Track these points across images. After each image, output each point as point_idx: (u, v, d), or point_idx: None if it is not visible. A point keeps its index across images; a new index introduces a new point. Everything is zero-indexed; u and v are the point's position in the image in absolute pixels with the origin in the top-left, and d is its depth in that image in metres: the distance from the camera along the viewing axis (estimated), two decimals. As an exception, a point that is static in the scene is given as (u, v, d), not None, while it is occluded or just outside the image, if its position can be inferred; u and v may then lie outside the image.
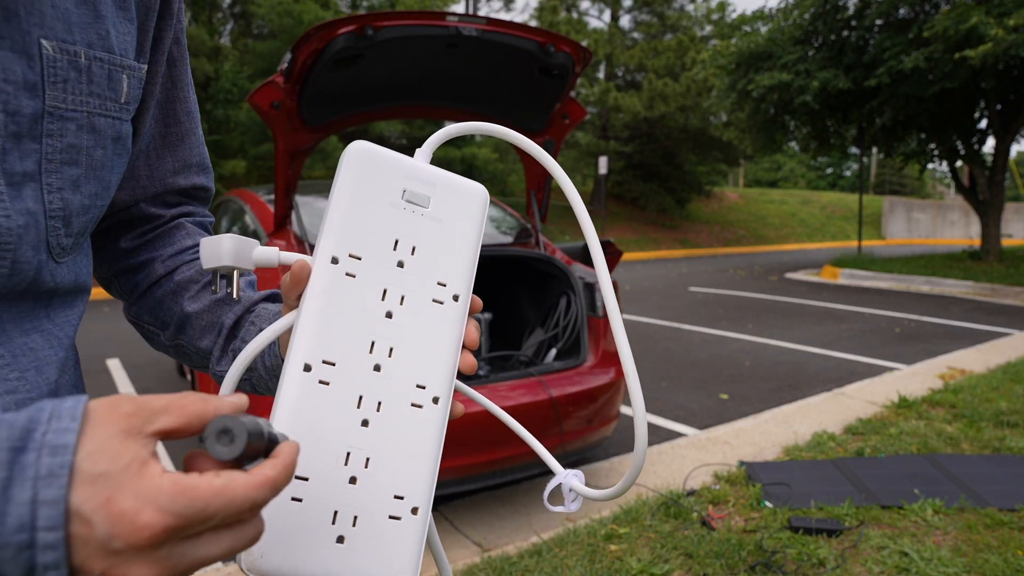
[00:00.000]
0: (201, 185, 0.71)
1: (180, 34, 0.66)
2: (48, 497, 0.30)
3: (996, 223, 13.26)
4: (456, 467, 2.61)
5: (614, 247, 3.55)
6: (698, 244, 21.53)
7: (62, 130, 0.50)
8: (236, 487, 0.34)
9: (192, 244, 0.70)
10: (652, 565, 2.41)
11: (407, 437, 0.51)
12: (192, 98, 0.69)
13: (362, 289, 0.51)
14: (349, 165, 0.52)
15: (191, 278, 0.67)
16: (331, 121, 3.05)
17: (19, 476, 0.30)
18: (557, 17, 21.76)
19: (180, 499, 0.32)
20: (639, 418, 0.54)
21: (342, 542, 0.47)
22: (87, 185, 0.53)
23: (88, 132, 0.52)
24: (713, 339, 6.82)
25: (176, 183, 0.69)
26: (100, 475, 0.31)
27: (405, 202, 0.53)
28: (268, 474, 0.36)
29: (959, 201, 29.43)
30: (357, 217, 0.52)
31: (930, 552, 2.46)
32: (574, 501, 0.59)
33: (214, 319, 0.65)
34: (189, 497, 0.33)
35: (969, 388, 4.52)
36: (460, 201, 0.56)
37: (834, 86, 12.39)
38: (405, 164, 0.54)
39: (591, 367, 3.03)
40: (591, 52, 2.97)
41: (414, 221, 0.54)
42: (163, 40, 0.62)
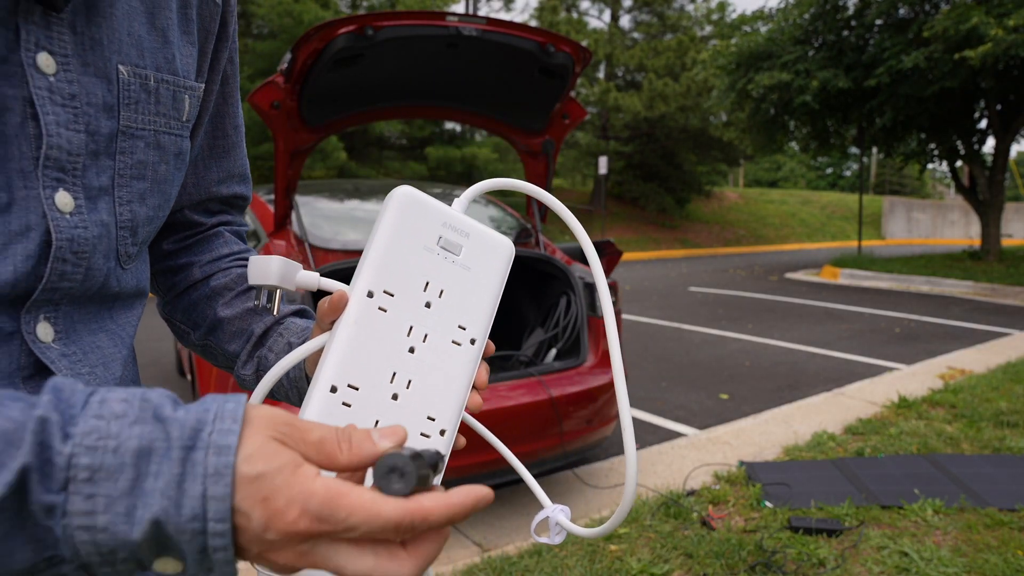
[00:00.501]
0: (241, 194, 0.76)
1: (234, 53, 0.70)
2: (216, 494, 0.34)
3: (996, 223, 13.27)
4: (456, 467, 2.61)
5: (614, 247, 3.55)
6: (698, 244, 21.54)
7: (132, 147, 0.54)
8: (383, 507, 0.36)
9: (228, 252, 0.74)
10: (652, 565, 2.41)
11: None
12: (239, 113, 0.74)
13: (391, 323, 0.55)
14: (393, 208, 0.55)
15: (226, 285, 0.71)
16: (331, 121, 3.05)
17: (190, 472, 0.34)
18: (557, 17, 21.76)
19: (328, 506, 0.35)
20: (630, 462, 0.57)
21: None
22: (152, 198, 0.58)
23: (154, 149, 0.57)
24: (713, 339, 6.82)
25: (219, 192, 0.73)
26: (258, 476, 0.35)
27: (440, 248, 0.57)
28: (424, 505, 0.37)
29: (959, 201, 29.44)
30: (395, 257, 0.55)
31: (930, 552, 2.46)
32: (559, 534, 0.63)
33: (244, 326, 0.70)
34: (336, 505, 0.35)
35: (969, 388, 4.52)
36: (488, 253, 0.60)
37: (834, 86, 12.39)
38: (444, 212, 0.58)
39: (591, 367, 3.03)
40: (591, 52, 2.97)
41: (445, 266, 0.57)
42: (219, 60, 0.67)
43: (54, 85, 0.48)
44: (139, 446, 0.35)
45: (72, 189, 0.50)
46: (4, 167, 0.46)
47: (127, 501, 0.34)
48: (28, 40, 0.47)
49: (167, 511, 0.34)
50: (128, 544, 0.34)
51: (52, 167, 0.49)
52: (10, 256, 0.47)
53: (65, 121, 0.49)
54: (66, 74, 0.49)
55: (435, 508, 0.37)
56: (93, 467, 0.34)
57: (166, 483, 0.34)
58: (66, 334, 0.53)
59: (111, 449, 0.34)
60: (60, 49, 0.49)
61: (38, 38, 0.47)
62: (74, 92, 0.50)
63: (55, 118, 0.48)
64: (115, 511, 0.34)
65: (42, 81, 0.48)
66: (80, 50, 0.50)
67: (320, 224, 3.20)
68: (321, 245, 2.95)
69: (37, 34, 0.47)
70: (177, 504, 0.34)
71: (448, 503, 0.37)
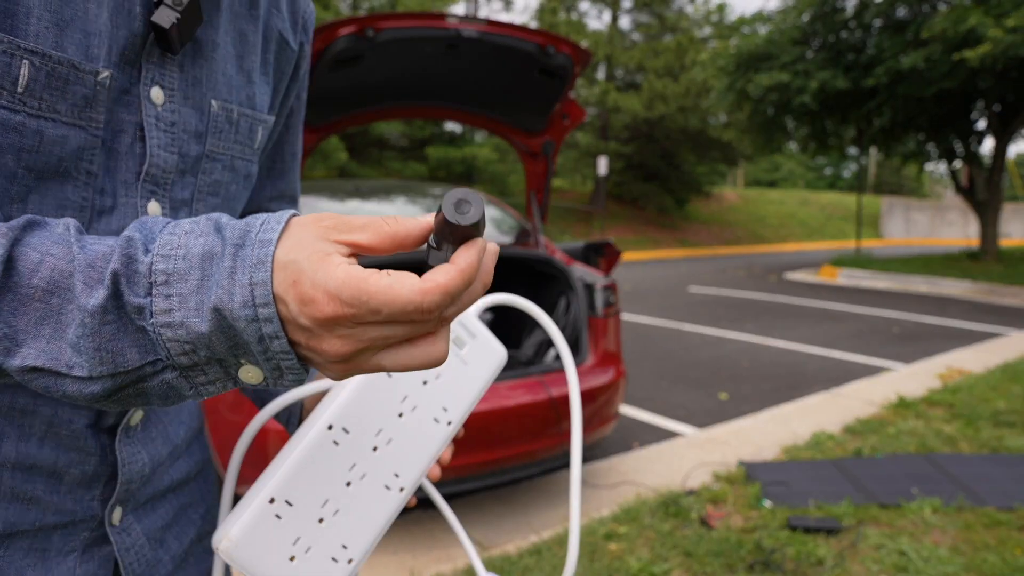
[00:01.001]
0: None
1: (302, 91, 0.79)
2: (259, 279, 0.38)
3: (994, 223, 13.29)
4: (456, 467, 2.61)
5: (613, 247, 3.56)
6: (697, 244, 21.55)
7: (212, 168, 0.63)
8: (401, 288, 0.38)
9: None
10: (651, 564, 2.42)
11: (371, 507, 0.62)
12: (299, 141, 0.82)
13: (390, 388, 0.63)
14: None
15: None
16: (332, 122, 3.06)
17: (240, 265, 0.39)
18: (557, 18, 21.78)
19: (347, 289, 0.37)
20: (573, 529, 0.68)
21: (292, 561, 0.58)
22: (221, 211, 0.66)
23: (229, 171, 0.65)
24: (712, 339, 6.83)
25: (269, 207, 0.81)
26: (290, 261, 0.39)
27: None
28: (438, 280, 0.38)
29: (957, 201, 29.47)
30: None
31: (928, 551, 2.47)
32: None
33: None
34: (356, 288, 0.37)
35: (967, 388, 4.54)
36: (485, 356, 0.67)
37: (833, 86, 12.41)
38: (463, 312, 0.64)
39: (591, 367, 3.04)
40: (591, 53, 2.98)
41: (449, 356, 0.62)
42: (289, 97, 0.76)
43: (160, 114, 0.57)
44: (203, 251, 0.40)
45: (161, 200, 0.59)
46: (113, 177, 0.55)
47: (196, 298, 0.40)
48: (147, 76, 0.56)
49: (222, 299, 0.39)
50: (202, 338, 0.40)
51: (149, 181, 0.57)
52: None
53: (165, 144, 0.58)
54: (171, 105, 0.58)
55: (450, 278, 0.39)
56: (168, 271, 0.40)
57: (221, 275, 0.39)
58: None
59: (181, 256, 0.40)
60: (169, 84, 0.57)
61: (154, 75, 0.56)
62: (174, 120, 0.58)
63: (157, 141, 0.57)
64: (187, 306, 0.40)
65: (152, 110, 0.56)
66: (184, 85, 0.59)
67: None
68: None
69: (153, 71, 0.56)
70: (230, 292, 0.39)
71: (459, 268, 0.39)
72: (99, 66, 0.51)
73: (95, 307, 0.40)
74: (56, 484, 0.56)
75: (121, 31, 0.53)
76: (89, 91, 0.51)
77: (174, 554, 0.68)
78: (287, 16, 0.71)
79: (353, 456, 0.61)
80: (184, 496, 0.72)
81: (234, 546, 0.56)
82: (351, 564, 0.60)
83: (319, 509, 0.59)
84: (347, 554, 0.60)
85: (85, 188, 0.53)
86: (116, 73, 0.53)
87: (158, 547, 0.66)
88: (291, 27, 0.72)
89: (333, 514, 0.59)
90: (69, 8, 0.49)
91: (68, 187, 0.52)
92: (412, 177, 17.97)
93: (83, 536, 0.59)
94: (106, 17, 0.52)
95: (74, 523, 0.58)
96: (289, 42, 0.72)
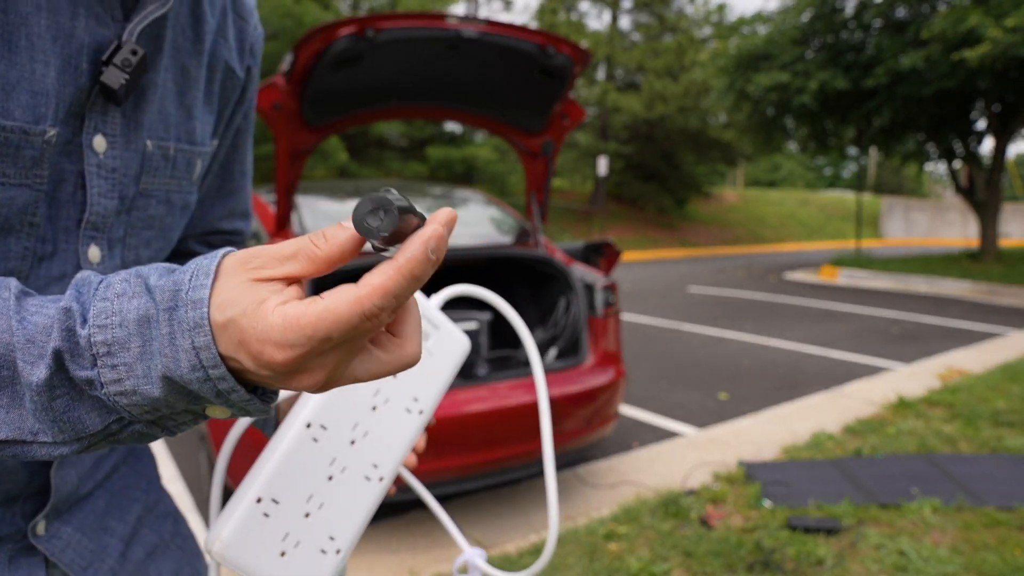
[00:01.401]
0: (240, 230, 0.84)
1: (250, 111, 0.78)
2: (201, 344, 0.37)
3: (994, 223, 13.29)
4: (456, 467, 2.62)
5: (613, 247, 3.56)
6: (697, 244, 21.55)
7: (146, 205, 0.63)
8: (339, 306, 0.36)
9: None
10: (651, 564, 2.42)
11: (354, 498, 0.64)
12: (248, 159, 0.82)
13: (363, 384, 0.64)
14: None
15: None
16: (332, 122, 3.06)
17: (178, 329, 0.38)
18: (557, 18, 21.79)
19: (289, 333, 0.36)
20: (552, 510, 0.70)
21: (283, 556, 0.60)
22: (156, 242, 0.66)
23: (164, 204, 0.65)
24: (712, 339, 6.83)
25: (221, 226, 0.81)
26: (228, 321, 0.37)
27: None
28: (374, 283, 0.37)
29: (957, 201, 29.47)
30: None
31: (928, 551, 2.47)
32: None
33: None
34: (296, 328, 0.36)
35: (967, 388, 4.54)
36: (450, 345, 0.69)
37: (832, 86, 12.41)
38: (422, 303, 0.66)
39: (591, 367, 3.04)
40: (591, 53, 2.98)
41: None
42: (234, 120, 0.76)
43: (102, 161, 0.57)
44: (137, 316, 0.39)
45: (100, 243, 0.59)
46: (54, 225, 0.56)
47: (142, 365, 0.39)
48: (89, 125, 0.56)
49: (169, 367, 0.38)
50: (158, 400, 0.39)
51: (90, 227, 0.58)
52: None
53: (105, 191, 0.58)
54: (112, 151, 0.58)
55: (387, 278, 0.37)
56: (108, 342, 0.39)
57: (161, 341, 0.38)
58: None
59: (117, 324, 0.39)
60: (111, 131, 0.58)
61: (96, 123, 0.56)
62: (116, 166, 0.58)
63: (98, 188, 0.58)
64: (135, 375, 0.39)
65: (93, 159, 0.57)
66: (126, 130, 0.59)
67: (321, 224, 3.21)
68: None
69: (96, 120, 0.56)
70: (175, 359, 0.38)
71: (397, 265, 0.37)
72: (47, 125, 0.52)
73: (39, 384, 0.39)
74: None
75: (68, 88, 0.53)
76: (37, 152, 0.52)
77: (122, 534, 0.70)
78: (234, 44, 0.71)
79: (332, 451, 0.63)
80: (117, 482, 0.73)
81: (226, 547, 0.57)
82: (339, 555, 0.62)
83: (304, 504, 0.61)
84: (334, 545, 0.62)
85: (28, 239, 0.54)
86: (61, 129, 0.53)
87: (101, 534, 0.67)
88: (238, 55, 0.72)
89: (318, 508, 0.61)
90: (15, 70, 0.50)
91: (11, 240, 0.53)
92: (412, 177, 17.98)
93: (8, 548, 0.60)
94: (53, 76, 0.52)
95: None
96: (235, 70, 0.72)
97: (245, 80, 0.74)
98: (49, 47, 0.52)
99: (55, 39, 0.52)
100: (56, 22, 0.52)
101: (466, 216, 3.76)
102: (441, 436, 2.56)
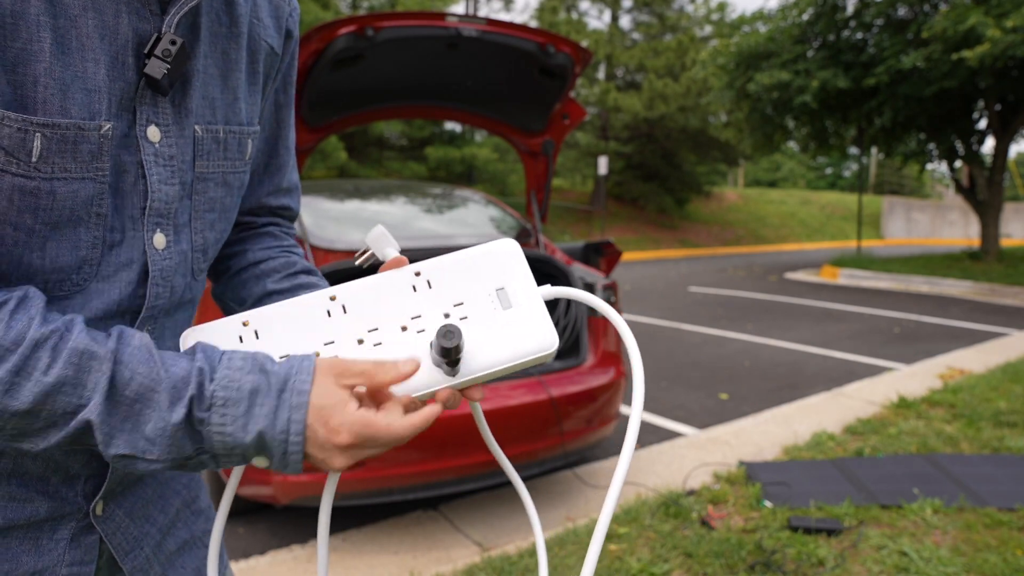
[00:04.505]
0: (287, 206, 0.88)
1: (288, 83, 0.81)
2: (296, 418, 0.56)
3: (995, 223, 13.27)
4: (456, 467, 2.61)
5: (613, 247, 3.55)
6: (698, 244, 21.54)
7: (205, 188, 0.67)
8: (397, 426, 0.58)
9: (278, 244, 0.85)
10: (652, 565, 2.41)
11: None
12: (292, 135, 0.85)
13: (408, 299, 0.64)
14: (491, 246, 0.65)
15: (276, 268, 0.82)
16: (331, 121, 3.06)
17: (282, 405, 0.56)
18: (557, 17, 21.77)
19: (363, 429, 0.56)
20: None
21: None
22: (220, 223, 0.71)
23: (223, 186, 0.70)
24: (713, 339, 6.83)
25: (268, 202, 0.85)
26: (322, 407, 0.56)
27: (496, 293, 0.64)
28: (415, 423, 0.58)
29: (958, 201, 29.44)
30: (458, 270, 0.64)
31: (929, 552, 2.46)
32: None
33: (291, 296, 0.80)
34: (368, 428, 0.57)
35: (968, 388, 4.53)
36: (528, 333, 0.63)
37: (833, 85, 12.39)
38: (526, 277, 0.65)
39: (591, 367, 3.03)
40: (591, 52, 2.98)
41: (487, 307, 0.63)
42: (270, 95, 0.78)
43: (158, 150, 0.62)
44: (252, 387, 0.56)
45: (165, 229, 0.64)
46: (120, 214, 0.61)
47: (243, 419, 0.55)
48: (142, 118, 0.60)
49: (267, 427, 0.56)
50: (242, 444, 0.56)
51: (154, 214, 0.63)
52: (117, 281, 0.62)
53: (165, 177, 0.62)
54: (167, 139, 0.62)
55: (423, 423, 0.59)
56: (226, 398, 0.55)
57: (268, 410, 0.56)
58: (157, 341, 0.67)
59: (235, 388, 0.56)
60: (163, 121, 0.62)
61: (148, 115, 0.60)
62: (172, 153, 0.63)
63: (158, 176, 0.62)
64: (236, 424, 0.55)
65: (150, 148, 0.61)
66: (177, 118, 0.63)
67: (321, 224, 3.20)
68: (322, 245, 2.95)
69: (148, 112, 0.60)
70: (273, 423, 0.56)
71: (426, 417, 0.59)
72: (101, 120, 0.56)
73: (178, 421, 0.54)
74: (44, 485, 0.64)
75: (117, 83, 0.57)
76: (95, 146, 0.56)
77: (161, 524, 0.74)
78: (270, 23, 0.73)
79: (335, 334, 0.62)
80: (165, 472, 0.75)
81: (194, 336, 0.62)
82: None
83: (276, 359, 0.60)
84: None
85: (96, 228, 0.59)
86: (116, 122, 0.57)
87: (143, 522, 0.72)
88: (276, 33, 0.74)
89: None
90: (70, 71, 0.54)
91: (81, 230, 0.58)
92: (412, 177, 17.96)
93: (71, 526, 0.65)
94: (103, 73, 0.56)
95: (63, 516, 0.65)
96: (274, 48, 0.74)
97: (283, 54, 0.77)
98: (98, 45, 0.55)
99: (103, 37, 0.56)
100: (102, 21, 0.55)
101: (466, 216, 3.75)
102: (441, 436, 2.56)
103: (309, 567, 2.50)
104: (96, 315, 0.60)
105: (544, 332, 0.63)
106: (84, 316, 0.59)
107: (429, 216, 3.69)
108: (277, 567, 2.49)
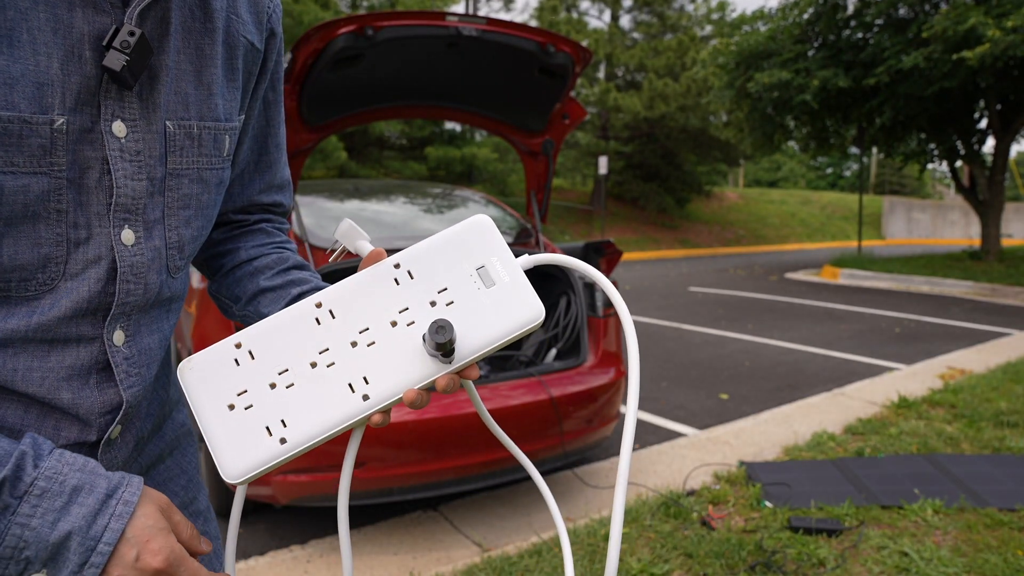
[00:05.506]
0: (279, 202, 0.88)
1: (276, 81, 0.81)
2: (115, 527, 0.53)
3: (996, 223, 13.26)
4: (456, 467, 2.61)
5: (614, 247, 3.54)
6: (698, 244, 21.54)
7: (179, 184, 0.66)
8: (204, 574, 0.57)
9: (271, 241, 0.85)
10: (652, 565, 2.41)
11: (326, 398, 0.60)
12: (282, 132, 0.85)
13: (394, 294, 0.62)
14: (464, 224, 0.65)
15: (268, 264, 0.82)
16: (331, 121, 3.05)
17: (104, 510, 0.54)
18: (557, 17, 21.76)
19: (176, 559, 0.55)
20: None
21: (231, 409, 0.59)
22: (196, 220, 0.70)
23: (198, 183, 0.68)
24: (713, 339, 6.82)
25: (260, 200, 0.85)
26: (146, 526, 0.55)
27: (476, 272, 0.63)
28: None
29: (959, 201, 29.43)
30: (436, 255, 0.63)
31: (930, 552, 2.46)
32: None
33: (284, 292, 0.80)
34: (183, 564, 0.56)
35: (969, 388, 4.52)
36: (514, 306, 0.63)
37: (834, 85, 12.38)
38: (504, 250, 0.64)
39: (591, 367, 3.03)
40: (591, 52, 2.97)
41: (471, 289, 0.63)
42: (258, 92, 0.78)
43: (124, 145, 0.60)
44: (75, 485, 0.53)
45: (134, 225, 0.63)
46: (86, 211, 0.60)
47: (55, 515, 0.52)
48: (106, 112, 0.59)
49: (80, 528, 0.52)
50: (37, 545, 0.52)
51: (120, 210, 0.61)
52: (86, 279, 0.61)
53: (131, 173, 0.61)
54: (133, 134, 0.61)
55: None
56: (45, 489, 0.52)
57: (88, 511, 0.53)
58: (133, 337, 0.66)
59: (58, 481, 0.53)
60: (130, 116, 0.60)
61: (114, 110, 0.59)
62: (139, 149, 0.62)
63: (124, 172, 0.61)
64: (45, 519, 0.52)
65: (115, 144, 0.60)
66: (144, 113, 0.62)
67: (321, 224, 3.20)
68: (321, 245, 2.95)
69: (113, 107, 0.59)
70: (88, 525, 0.53)
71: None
72: (54, 115, 0.55)
73: None
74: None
75: (73, 77, 0.56)
76: (45, 140, 0.55)
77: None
78: (249, 19, 0.73)
79: (329, 341, 0.61)
80: (162, 473, 0.78)
81: (190, 369, 0.59)
82: (283, 445, 0.58)
83: (275, 375, 0.59)
84: (282, 432, 0.58)
85: (57, 225, 0.57)
86: (72, 117, 0.56)
87: None
88: (255, 29, 0.74)
89: (286, 386, 0.59)
90: (18, 65, 0.53)
91: (40, 227, 0.57)
92: (412, 177, 17.97)
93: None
94: (56, 67, 0.55)
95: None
96: (255, 44, 0.74)
97: (265, 51, 0.76)
98: (50, 39, 0.54)
99: (55, 31, 0.54)
100: (55, 15, 0.54)
101: (466, 216, 3.75)
102: (441, 436, 2.56)
103: (309, 567, 2.49)
104: (67, 314, 0.60)
105: (530, 303, 0.63)
106: (55, 315, 0.59)
107: (429, 216, 3.69)
108: (277, 567, 2.49)
